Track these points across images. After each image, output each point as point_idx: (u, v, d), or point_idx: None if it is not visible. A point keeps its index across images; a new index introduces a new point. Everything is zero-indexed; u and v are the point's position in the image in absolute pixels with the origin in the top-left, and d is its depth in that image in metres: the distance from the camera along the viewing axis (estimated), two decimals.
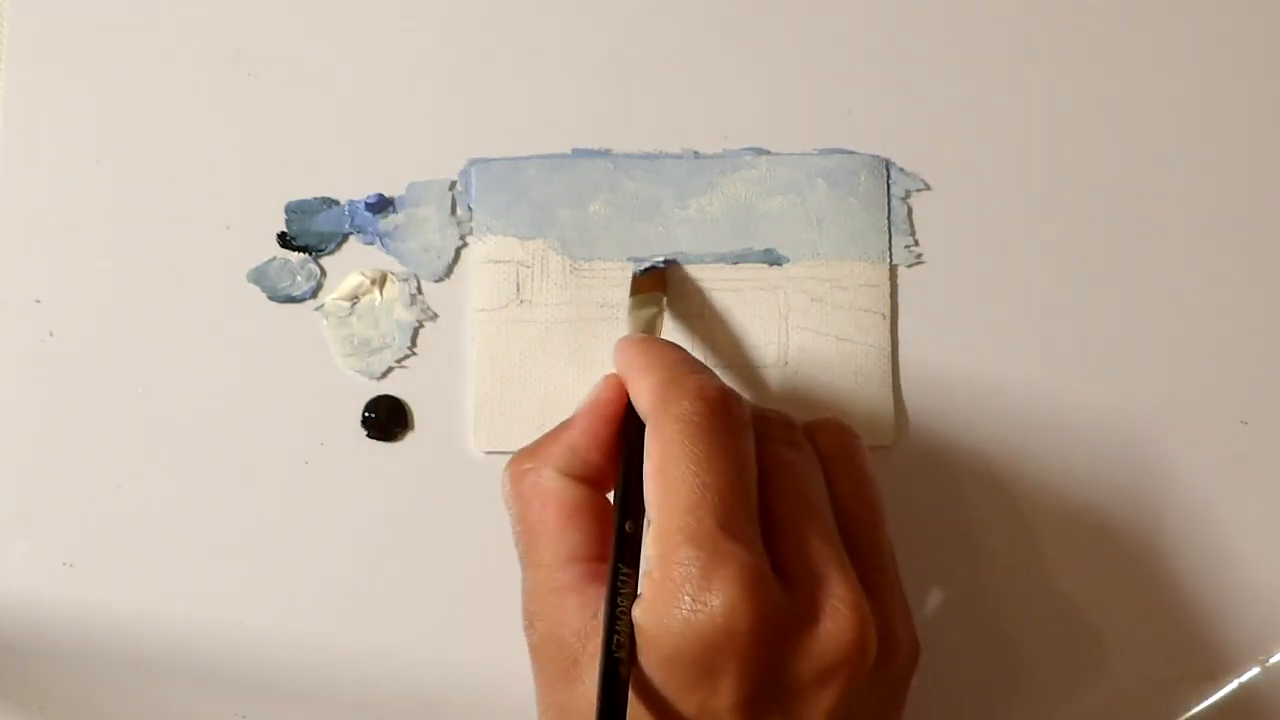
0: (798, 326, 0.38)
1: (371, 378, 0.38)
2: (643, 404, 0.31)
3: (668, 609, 0.28)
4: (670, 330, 0.38)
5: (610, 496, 0.32)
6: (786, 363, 0.38)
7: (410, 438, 0.38)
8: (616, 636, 0.29)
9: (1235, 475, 0.38)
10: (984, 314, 0.38)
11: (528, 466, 0.32)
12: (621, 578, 0.29)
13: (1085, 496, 0.38)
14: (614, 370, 0.33)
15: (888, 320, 0.38)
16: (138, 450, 0.37)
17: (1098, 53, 0.39)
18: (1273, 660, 0.37)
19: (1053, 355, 0.38)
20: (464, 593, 0.37)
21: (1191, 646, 0.37)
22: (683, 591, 0.28)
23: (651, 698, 0.29)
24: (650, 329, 0.36)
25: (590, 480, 0.32)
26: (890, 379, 0.38)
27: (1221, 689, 0.37)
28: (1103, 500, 0.38)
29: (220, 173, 0.38)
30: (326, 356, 0.38)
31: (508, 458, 0.37)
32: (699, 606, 0.28)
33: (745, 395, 0.38)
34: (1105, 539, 0.38)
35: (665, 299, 0.37)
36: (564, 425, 0.32)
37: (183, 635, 0.37)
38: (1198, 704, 0.37)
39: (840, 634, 0.29)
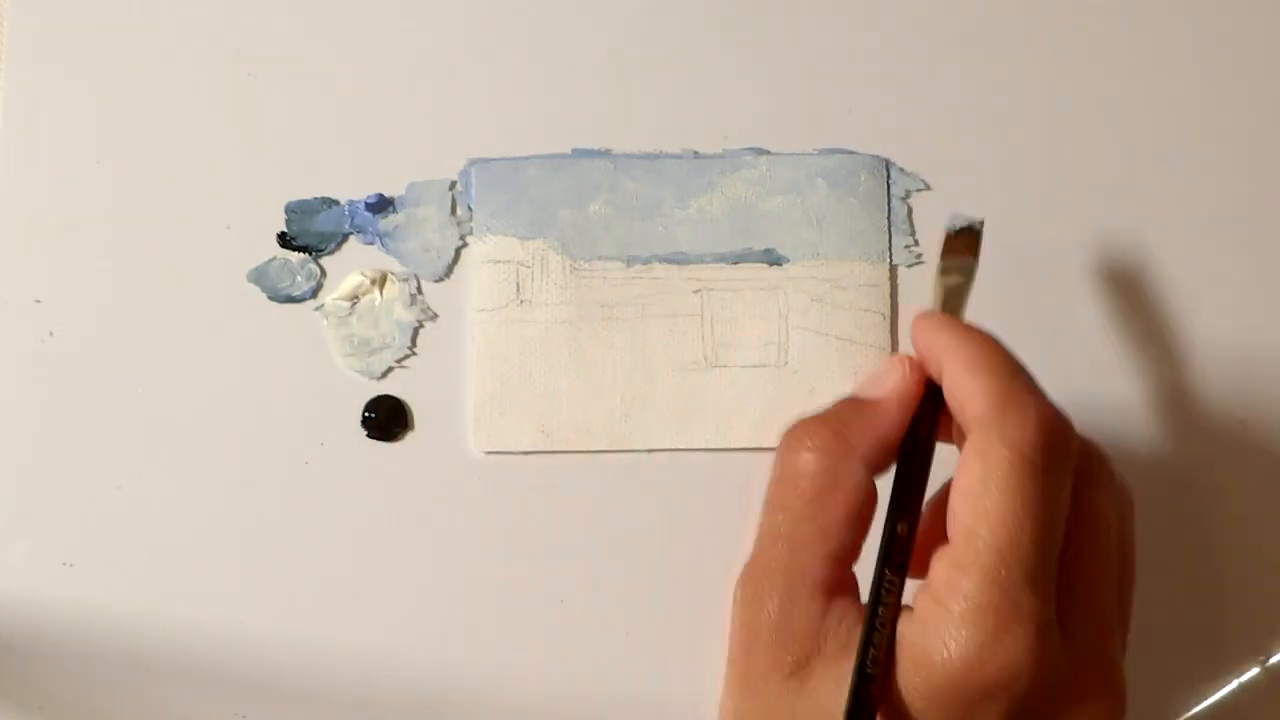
0: (798, 326, 0.38)
1: (371, 378, 0.38)
2: (970, 409, 0.29)
3: (950, 639, 0.27)
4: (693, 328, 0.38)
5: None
6: (786, 363, 0.38)
7: (410, 438, 0.38)
8: (873, 651, 0.28)
9: (1235, 475, 0.38)
10: (983, 314, 0.38)
11: (833, 445, 0.30)
12: (887, 585, 0.28)
13: None
14: (907, 346, 0.32)
15: (888, 320, 0.38)
16: (138, 450, 0.37)
17: (1098, 53, 0.39)
18: (1273, 660, 0.37)
19: (1052, 355, 0.38)
20: (464, 593, 0.37)
21: (1191, 646, 0.37)
22: (974, 629, 0.27)
23: (908, 713, 0.28)
24: (954, 304, 0.33)
25: (879, 473, 0.31)
26: None
27: (1221, 689, 0.37)
28: None
29: (220, 173, 0.38)
30: (326, 356, 0.38)
31: (511, 458, 0.37)
32: (986, 654, 0.27)
33: (745, 396, 0.38)
34: None
35: (976, 269, 0.34)
36: (865, 408, 0.31)
37: (183, 635, 0.37)
38: (1198, 704, 0.37)
39: (1101, 714, 0.29)
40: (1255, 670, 0.37)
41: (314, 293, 0.38)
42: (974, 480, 0.28)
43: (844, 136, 0.39)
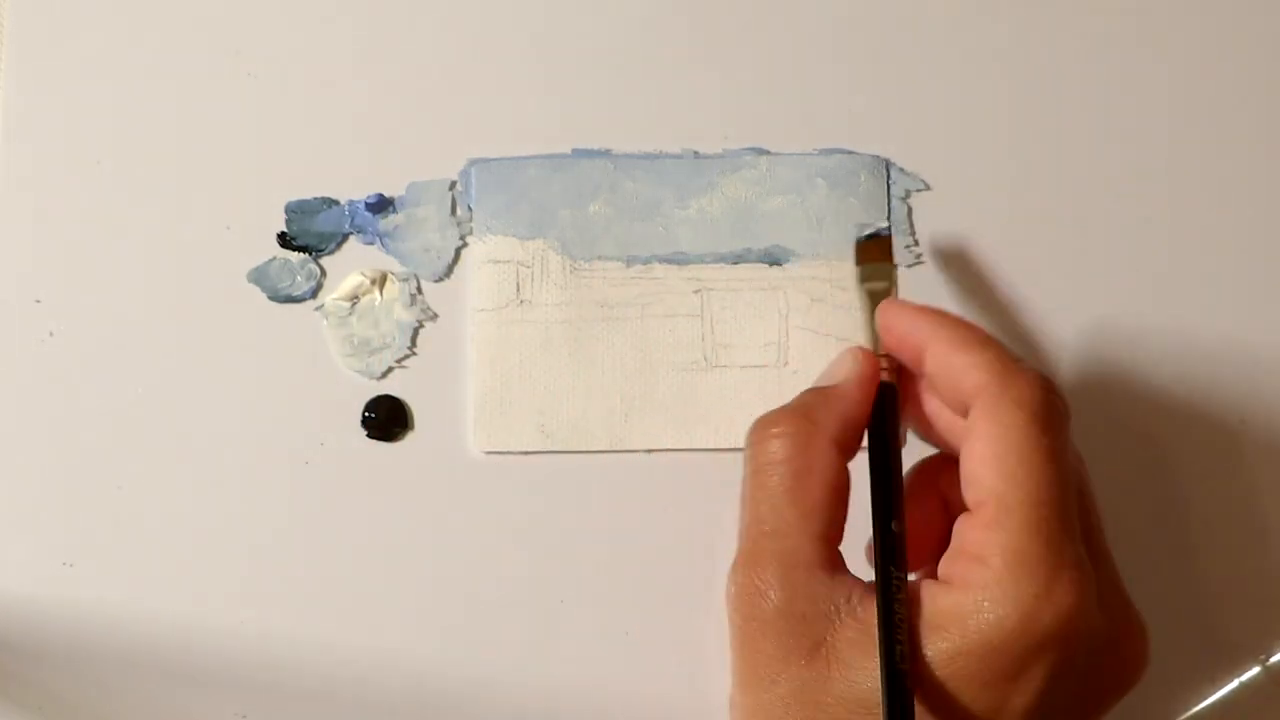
0: (798, 326, 0.38)
1: (371, 378, 0.38)
2: (969, 382, 0.30)
3: (1000, 597, 0.28)
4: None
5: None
6: (786, 363, 0.38)
7: (410, 438, 0.38)
8: (899, 647, 0.28)
9: (1235, 475, 0.38)
10: (984, 314, 0.38)
11: (801, 430, 0.31)
12: (896, 583, 0.29)
13: None
14: (859, 340, 0.33)
15: None
16: (138, 450, 0.37)
17: (1098, 52, 0.39)
18: (1273, 659, 0.37)
19: (1052, 355, 0.38)
20: (464, 592, 0.37)
21: (1191, 646, 0.37)
22: (1026, 581, 0.28)
23: (953, 684, 0.28)
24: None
25: (850, 454, 0.31)
26: None
27: (1221, 689, 0.37)
28: (1101, 499, 0.38)
29: (220, 173, 0.38)
30: (326, 356, 0.38)
31: (511, 458, 0.37)
32: (1042, 604, 0.28)
33: (745, 396, 0.38)
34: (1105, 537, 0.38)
35: (896, 273, 0.36)
36: (826, 395, 0.32)
37: (183, 635, 0.37)
38: (1198, 704, 0.37)
39: (1133, 663, 0.30)
40: (1255, 670, 0.37)
41: (314, 293, 0.38)
42: (992, 444, 0.29)
43: (844, 136, 0.39)
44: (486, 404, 0.37)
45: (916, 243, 0.38)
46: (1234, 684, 0.37)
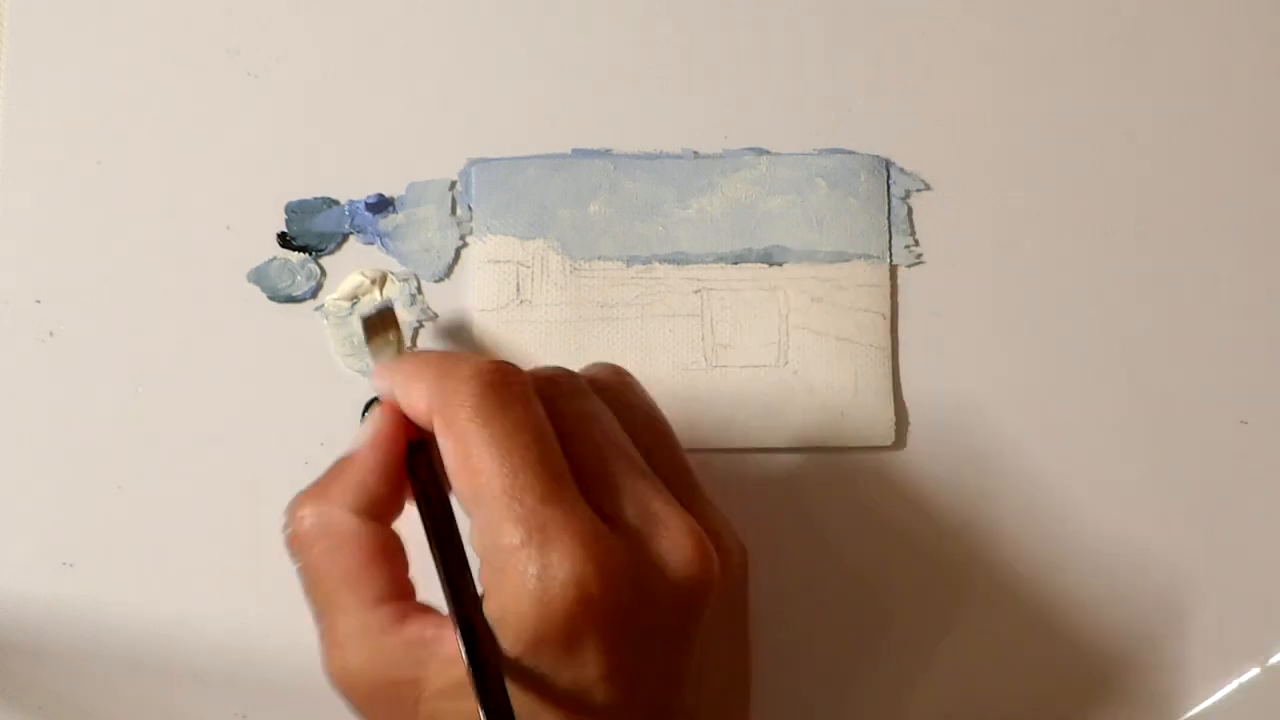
0: (798, 326, 0.38)
1: None
2: (423, 408, 0.30)
3: (517, 596, 0.28)
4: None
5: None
6: (786, 363, 0.38)
7: None
8: (480, 643, 0.27)
9: (1235, 475, 0.38)
10: (984, 314, 0.38)
11: (319, 510, 0.31)
12: (459, 586, 0.28)
13: (1085, 495, 0.38)
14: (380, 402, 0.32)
15: (888, 320, 0.38)
16: (138, 450, 0.37)
17: (1098, 53, 0.39)
18: (1273, 660, 0.37)
19: (1053, 355, 0.38)
20: None
21: (1191, 646, 0.37)
22: (526, 575, 0.28)
23: (524, 688, 0.28)
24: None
25: (381, 516, 0.31)
26: (890, 379, 0.38)
27: (1221, 689, 0.37)
28: (1103, 499, 0.38)
29: (220, 173, 0.38)
30: (326, 356, 0.38)
31: None
32: (546, 584, 0.27)
33: (745, 396, 0.38)
34: (1105, 538, 0.38)
35: (402, 337, 0.36)
36: (344, 464, 0.31)
37: (183, 635, 0.37)
38: (1198, 704, 0.37)
39: (685, 564, 0.29)
40: (1255, 670, 0.37)
41: (314, 293, 0.38)
42: (456, 455, 0.29)
43: (844, 136, 0.39)
44: None
45: (916, 243, 0.38)
46: (1234, 684, 0.37)
